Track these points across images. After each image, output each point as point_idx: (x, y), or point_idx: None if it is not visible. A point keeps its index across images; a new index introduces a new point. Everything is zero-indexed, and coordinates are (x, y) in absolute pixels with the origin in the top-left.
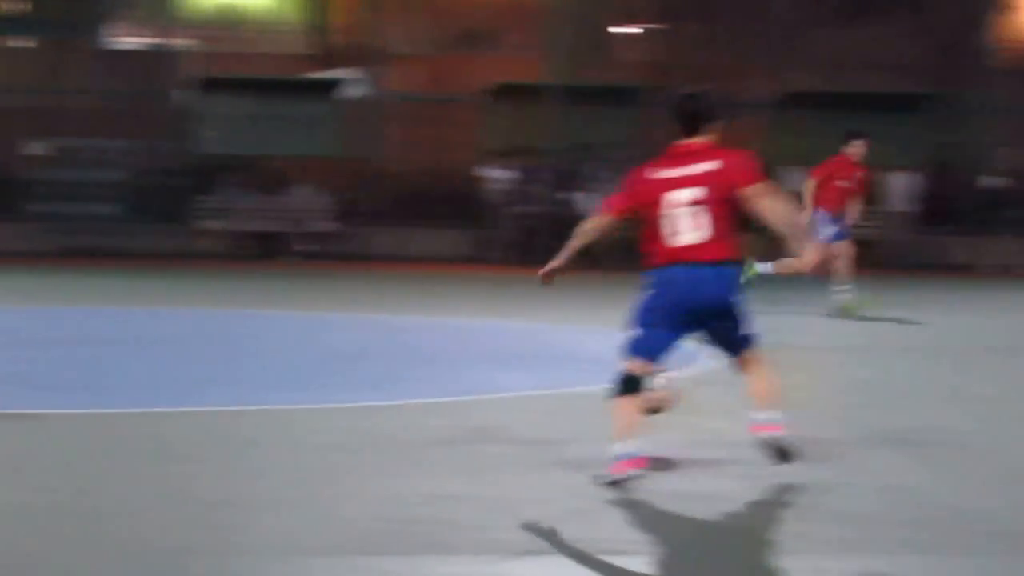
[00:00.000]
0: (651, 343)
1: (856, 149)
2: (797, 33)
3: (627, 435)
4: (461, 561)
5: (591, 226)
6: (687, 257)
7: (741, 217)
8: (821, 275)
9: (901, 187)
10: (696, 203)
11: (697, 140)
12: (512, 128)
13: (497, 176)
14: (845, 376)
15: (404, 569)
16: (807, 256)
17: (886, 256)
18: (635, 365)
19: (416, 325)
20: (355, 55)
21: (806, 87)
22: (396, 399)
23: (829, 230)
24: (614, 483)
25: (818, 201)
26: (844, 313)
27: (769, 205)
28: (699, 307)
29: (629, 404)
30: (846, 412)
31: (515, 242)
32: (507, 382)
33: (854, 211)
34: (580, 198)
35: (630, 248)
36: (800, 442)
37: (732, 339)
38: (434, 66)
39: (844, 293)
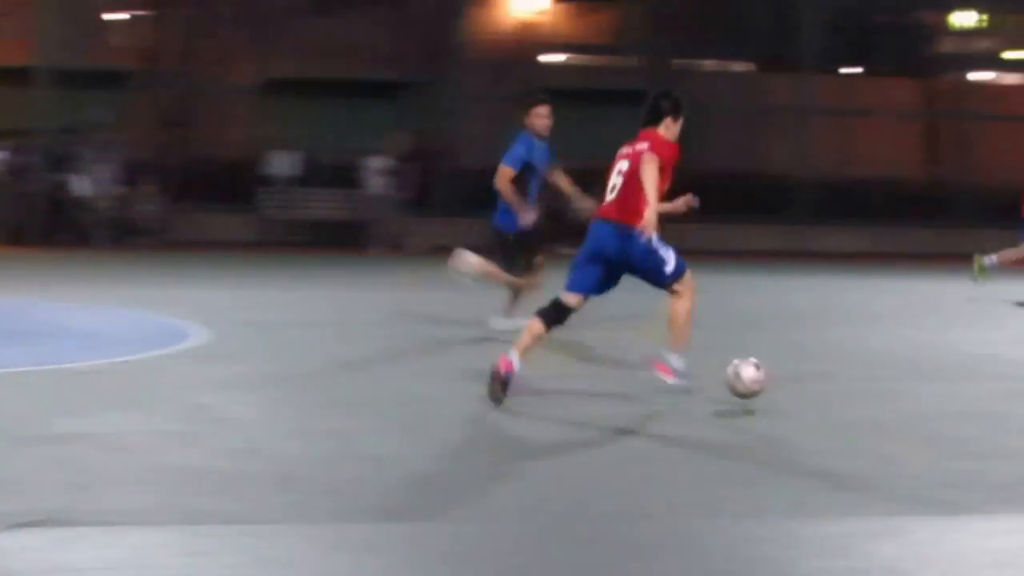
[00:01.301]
0: (575, 280)
1: None
2: (283, 20)
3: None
4: None
5: None
6: (600, 214)
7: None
8: None
9: (378, 170)
10: (621, 173)
11: (650, 129)
12: (3, 110)
13: None
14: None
15: None
16: (648, 216)
17: (368, 237)
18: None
19: None
20: None
21: (290, 74)
22: None
23: None
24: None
25: None
26: None
27: (645, 168)
28: (604, 256)
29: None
30: (316, 383)
31: (9, 221)
32: None
33: None
34: (73, 180)
35: (121, 227)
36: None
37: (650, 280)
38: None
39: None
